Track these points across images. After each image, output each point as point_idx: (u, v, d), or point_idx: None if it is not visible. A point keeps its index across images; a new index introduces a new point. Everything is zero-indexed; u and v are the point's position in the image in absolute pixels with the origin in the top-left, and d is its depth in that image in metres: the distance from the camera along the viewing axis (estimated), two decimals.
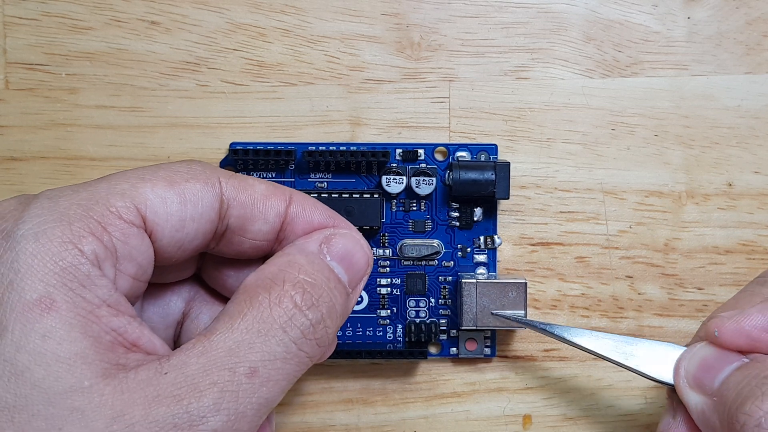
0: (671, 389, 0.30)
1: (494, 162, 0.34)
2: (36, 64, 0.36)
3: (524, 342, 0.36)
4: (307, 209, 0.28)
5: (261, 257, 0.28)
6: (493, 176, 0.34)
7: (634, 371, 0.30)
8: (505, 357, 0.36)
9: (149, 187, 0.25)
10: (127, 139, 0.36)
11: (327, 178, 0.35)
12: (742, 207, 0.36)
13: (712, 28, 0.36)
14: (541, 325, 0.32)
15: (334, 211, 0.29)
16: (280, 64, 0.36)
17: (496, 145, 0.35)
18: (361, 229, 0.33)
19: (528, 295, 0.35)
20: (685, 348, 0.30)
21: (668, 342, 0.30)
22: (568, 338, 0.31)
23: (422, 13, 0.36)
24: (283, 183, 0.34)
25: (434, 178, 0.34)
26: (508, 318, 0.33)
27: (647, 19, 0.36)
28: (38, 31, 0.36)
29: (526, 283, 0.33)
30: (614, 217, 0.36)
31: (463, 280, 0.33)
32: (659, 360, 0.30)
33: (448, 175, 0.34)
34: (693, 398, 0.28)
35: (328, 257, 0.27)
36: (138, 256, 0.25)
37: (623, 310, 0.36)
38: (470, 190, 0.34)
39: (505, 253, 0.36)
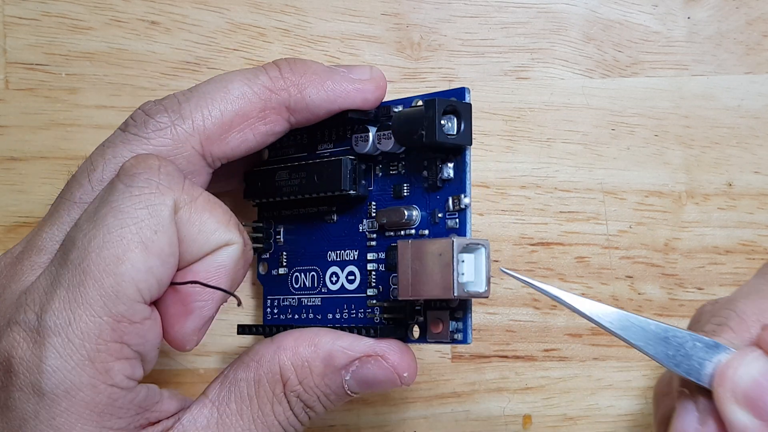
0: (700, 388, 0.26)
1: (449, 102, 0.28)
2: (36, 64, 0.36)
3: (524, 342, 0.36)
4: None
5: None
6: (431, 113, 0.27)
7: (661, 363, 0.26)
8: (505, 357, 0.36)
9: (131, 267, 0.24)
10: None
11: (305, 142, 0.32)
12: (742, 207, 0.36)
13: (712, 28, 0.36)
14: (559, 296, 0.26)
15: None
16: None
17: (464, 89, 0.28)
18: (331, 198, 0.30)
19: (528, 296, 0.35)
20: (731, 350, 0.26)
21: (704, 335, 0.26)
22: (600, 322, 0.27)
23: (422, 13, 0.36)
24: (268, 169, 0.32)
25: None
26: (525, 282, 0.26)
27: (647, 19, 0.36)
28: (38, 31, 0.36)
29: (453, 243, 0.26)
30: (614, 217, 0.36)
31: (399, 241, 0.28)
32: (692, 354, 0.26)
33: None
34: (739, 416, 0.25)
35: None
36: (155, 338, 0.26)
37: (623, 310, 0.36)
38: (408, 130, 0.28)
39: (505, 253, 0.36)
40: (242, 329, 0.33)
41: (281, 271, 0.33)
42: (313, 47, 0.36)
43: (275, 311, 0.33)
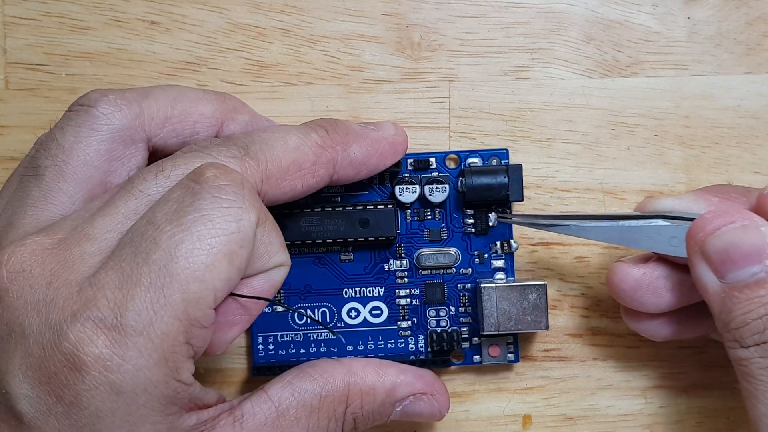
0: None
1: (506, 166, 0.34)
2: (36, 64, 0.36)
3: (525, 342, 0.36)
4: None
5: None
6: (506, 180, 0.33)
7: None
8: None
9: (216, 276, 0.25)
10: None
11: (340, 192, 0.34)
12: None
13: (712, 28, 0.36)
14: (544, 220, 0.32)
15: None
16: (280, 64, 0.36)
17: (506, 150, 0.35)
18: (376, 241, 0.34)
19: None
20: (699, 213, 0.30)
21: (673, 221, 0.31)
22: (575, 233, 0.32)
23: (422, 13, 0.36)
24: (297, 211, 0.33)
25: (447, 186, 0.34)
26: (512, 219, 0.33)
27: (647, 19, 0.36)
28: (38, 31, 0.36)
29: (545, 285, 0.33)
30: None
31: (482, 285, 0.33)
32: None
33: (461, 182, 0.34)
34: (707, 277, 0.29)
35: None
36: (208, 342, 0.27)
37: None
38: (484, 195, 0.33)
39: None
40: (258, 371, 0.34)
41: (279, 308, 0.34)
42: (313, 47, 0.36)
43: (270, 348, 0.34)
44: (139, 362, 0.24)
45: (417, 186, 0.34)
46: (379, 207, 0.33)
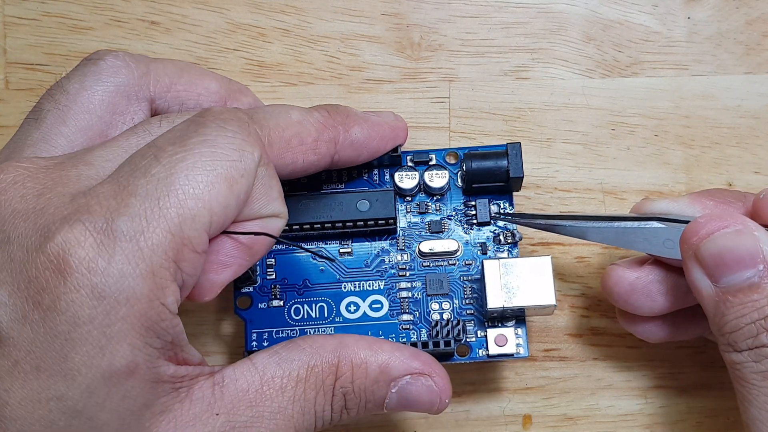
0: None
1: (506, 146, 0.33)
2: (36, 64, 0.36)
3: None
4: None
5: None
6: (506, 163, 0.33)
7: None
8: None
9: (214, 197, 0.25)
10: None
11: (340, 188, 0.34)
12: None
13: (712, 28, 0.36)
14: (540, 220, 0.32)
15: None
16: (280, 64, 0.36)
17: (505, 146, 0.34)
18: (376, 226, 0.33)
19: None
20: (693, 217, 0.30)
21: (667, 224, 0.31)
22: (570, 232, 0.31)
23: (422, 13, 0.36)
24: (297, 195, 0.33)
25: (446, 171, 0.34)
26: (510, 218, 0.33)
27: (647, 19, 0.36)
28: (38, 31, 0.36)
29: (550, 258, 0.32)
30: None
31: (485, 261, 0.32)
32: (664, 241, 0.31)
33: (462, 170, 0.34)
34: (701, 281, 0.29)
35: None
36: (198, 275, 0.26)
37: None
38: (485, 178, 0.33)
39: None
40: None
41: (275, 303, 0.33)
42: (313, 47, 0.36)
43: (264, 344, 0.33)
44: (124, 268, 0.23)
45: (416, 173, 0.34)
46: (377, 191, 0.33)
